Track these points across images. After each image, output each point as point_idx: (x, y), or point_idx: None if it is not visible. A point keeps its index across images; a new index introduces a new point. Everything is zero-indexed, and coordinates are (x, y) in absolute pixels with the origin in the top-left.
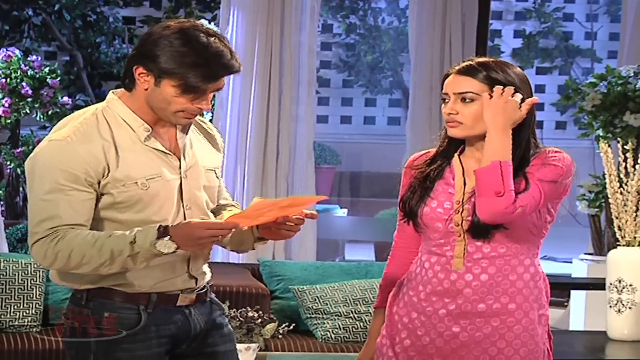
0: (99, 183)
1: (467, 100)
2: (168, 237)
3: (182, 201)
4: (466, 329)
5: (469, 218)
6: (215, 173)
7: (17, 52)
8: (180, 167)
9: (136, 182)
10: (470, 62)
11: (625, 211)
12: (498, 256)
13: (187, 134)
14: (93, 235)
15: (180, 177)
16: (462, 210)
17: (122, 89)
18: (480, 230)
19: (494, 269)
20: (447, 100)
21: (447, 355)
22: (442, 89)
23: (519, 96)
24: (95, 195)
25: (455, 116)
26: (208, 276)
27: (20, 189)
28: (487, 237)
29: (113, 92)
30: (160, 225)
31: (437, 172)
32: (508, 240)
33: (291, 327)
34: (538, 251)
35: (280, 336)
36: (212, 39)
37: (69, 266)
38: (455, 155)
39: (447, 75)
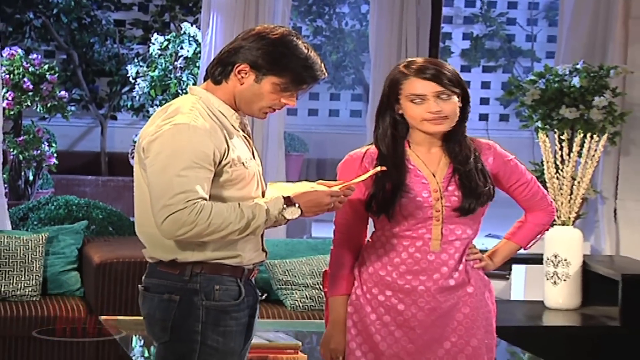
0: (220, 162)
1: (445, 97)
2: (296, 205)
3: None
4: (440, 301)
5: (447, 204)
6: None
7: (19, 51)
8: (253, 154)
9: (243, 163)
10: (429, 62)
11: (561, 194)
12: (466, 237)
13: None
14: (227, 205)
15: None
16: (442, 197)
17: (206, 83)
18: (467, 210)
19: (462, 248)
20: (422, 101)
21: (428, 327)
22: (398, 91)
23: None
24: (213, 174)
25: (442, 113)
26: None
27: (22, 173)
28: (474, 213)
29: (194, 87)
30: (283, 196)
31: (401, 162)
32: (472, 223)
33: (264, 297)
34: (479, 230)
35: None
36: (307, 45)
37: (203, 233)
38: (409, 150)
39: (412, 76)
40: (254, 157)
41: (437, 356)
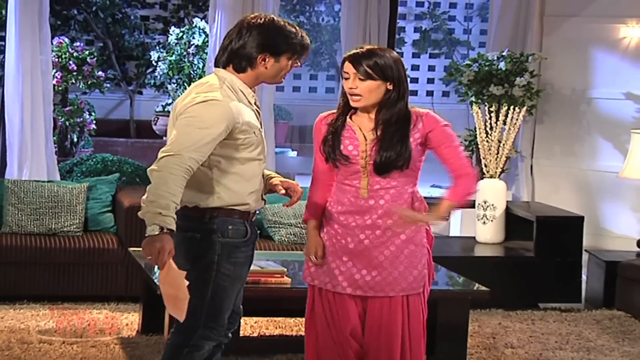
0: (237, 129)
1: (362, 78)
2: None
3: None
4: (369, 237)
5: (371, 162)
6: None
7: (66, 40)
8: (260, 124)
9: (254, 132)
10: (361, 50)
11: (490, 153)
12: (391, 187)
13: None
14: (176, 185)
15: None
16: (366, 156)
17: (228, 68)
18: (382, 169)
19: (389, 196)
20: (348, 78)
21: (357, 255)
22: (341, 69)
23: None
24: (223, 137)
25: (355, 90)
26: None
27: (68, 136)
28: (387, 174)
29: (220, 69)
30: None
31: (341, 127)
32: (398, 176)
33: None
34: (417, 182)
35: None
36: (287, 22)
37: (157, 179)
38: (347, 118)
39: (345, 60)
40: (261, 128)
41: (365, 281)
